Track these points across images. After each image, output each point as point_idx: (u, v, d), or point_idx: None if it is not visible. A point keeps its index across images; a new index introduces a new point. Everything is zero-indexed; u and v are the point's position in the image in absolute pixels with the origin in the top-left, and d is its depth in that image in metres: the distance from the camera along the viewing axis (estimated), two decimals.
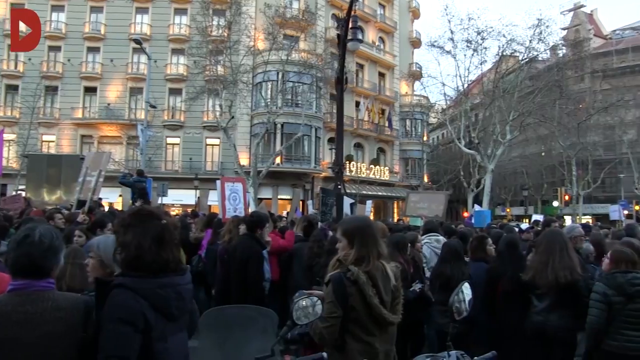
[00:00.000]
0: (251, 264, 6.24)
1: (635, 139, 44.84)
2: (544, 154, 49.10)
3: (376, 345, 3.30)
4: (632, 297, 4.76)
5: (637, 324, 4.75)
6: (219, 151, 39.56)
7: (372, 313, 3.25)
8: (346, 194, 12.31)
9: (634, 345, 4.73)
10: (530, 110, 35.03)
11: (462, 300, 3.27)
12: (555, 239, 5.67)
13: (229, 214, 9.23)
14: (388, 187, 45.39)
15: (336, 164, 12.08)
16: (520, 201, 51.36)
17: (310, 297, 3.04)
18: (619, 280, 4.82)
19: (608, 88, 43.75)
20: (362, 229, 3.47)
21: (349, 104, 40.38)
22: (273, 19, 30.92)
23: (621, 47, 51.04)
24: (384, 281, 3.35)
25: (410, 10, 52.32)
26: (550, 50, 38.04)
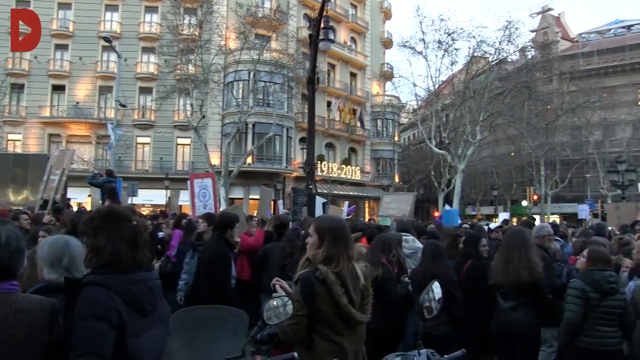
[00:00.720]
0: (217, 266, 6.20)
1: (601, 139, 45.74)
2: (514, 154, 49.77)
3: (345, 345, 3.31)
4: (607, 293, 4.89)
5: (611, 320, 4.89)
6: (190, 151, 39.29)
7: (341, 312, 3.26)
8: (317, 194, 12.31)
9: (608, 341, 4.86)
10: (500, 111, 35.49)
11: (433, 299, 3.29)
12: (516, 238, 5.77)
13: (199, 211, 9.14)
14: (359, 187, 45.55)
15: (307, 163, 12.07)
16: (490, 201, 51.91)
17: (281, 297, 3.04)
18: (596, 277, 4.94)
19: (575, 90, 44.52)
20: (335, 229, 3.47)
21: (321, 104, 40.42)
22: (245, 18, 30.77)
23: (587, 50, 51.98)
24: (354, 281, 3.37)
25: (382, 10, 52.59)
26: (520, 52, 38.58)
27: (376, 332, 6.09)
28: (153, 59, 39.23)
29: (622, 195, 26.08)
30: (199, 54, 29.39)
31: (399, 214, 13.64)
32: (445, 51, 35.62)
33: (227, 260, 6.37)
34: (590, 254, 5.26)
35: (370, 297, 3.50)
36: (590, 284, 4.93)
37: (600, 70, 49.01)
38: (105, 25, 39.88)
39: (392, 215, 14.05)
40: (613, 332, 4.88)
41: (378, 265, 6.10)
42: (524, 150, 46.18)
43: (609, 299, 4.88)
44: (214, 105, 33.18)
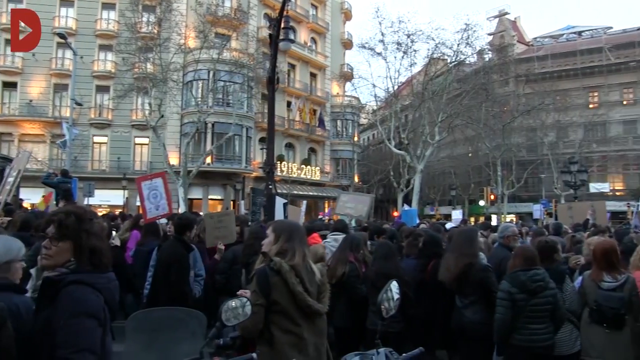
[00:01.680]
0: (174, 268, 6.14)
1: (555, 141, 46.84)
2: (471, 155, 50.58)
3: (304, 336, 3.37)
4: (534, 292, 5.02)
5: (541, 317, 5.04)
6: (148, 150, 38.73)
7: (297, 302, 3.34)
8: (277, 194, 12.30)
9: (538, 338, 5.02)
10: (458, 112, 36.03)
11: (391, 299, 3.33)
12: (463, 238, 5.89)
13: (151, 213, 8.96)
14: (319, 187, 45.65)
15: (267, 163, 12.05)
16: (448, 200, 52.62)
17: (239, 297, 3.04)
18: (521, 278, 5.08)
19: (530, 92, 45.59)
20: (291, 228, 3.64)
21: (281, 104, 40.41)
22: (204, 17, 30.49)
23: (542, 54, 53.19)
24: (309, 275, 3.46)
25: (342, 11, 52.82)
26: (477, 54, 39.25)
27: (343, 330, 6.15)
28: (110, 56, 38.52)
29: (574, 195, 26.78)
30: (157, 52, 28.99)
31: (356, 214, 13.80)
32: (405, 53, 36.02)
33: (185, 263, 6.31)
34: (515, 253, 5.40)
35: (327, 291, 3.58)
36: (515, 285, 5.07)
37: (554, 74, 50.22)
38: (60, 21, 38.88)
39: (349, 215, 14.26)
40: (543, 328, 5.04)
41: (346, 263, 6.16)
42: (481, 150, 47.00)
43: (537, 297, 5.03)
44: (172, 104, 32.78)
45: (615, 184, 50.15)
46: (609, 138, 49.74)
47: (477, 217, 45.07)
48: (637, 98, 50.75)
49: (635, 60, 49.90)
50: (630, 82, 50.77)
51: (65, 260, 2.60)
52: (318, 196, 44.40)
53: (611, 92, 50.80)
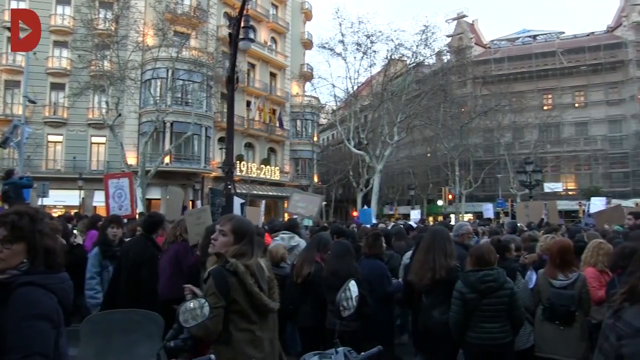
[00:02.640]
0: (145, 268, 6.07)
1: (511, 141, 47.86)
2: (430, 155, 51.24)
3: (259, 333, 3.40)
4: (484, 293, 5.13)
5: (493, 317, 5.13)
6: (105, 150, 37.97)
7: (254, 301, 3.36)
8: (236, 194, 12.24)
9: (489, 336, 5.12)
10: (417, 113, 36.43)
11: (350, 298, 3.35)
12: (435, 238, 5.95)
13: (114, 212, 8.87)
14: (278, 187, 45.53)
15: (226, 163, 11.97)
16: (407, 200, 53.14)
17: (197, 298, 3.02)
18: (470, 279, 5.19)
19: (487, 94, 46.44)
20: (252, 230, 3.65)
21: (240, 104, 40.17)
22: (163, 15, 30.11)
23: (498, 56, 54.27)
24: (260, 272, 3.48)
25: (303, 11, 52.81)
26: (436, 55, 39.76)
27: (308, 329, 6.15)
28: (66, 53, 37.64)
29: (529, 194, 27.39)
30: (115, 49, 28.49)
31: (307, 214, 13.94)
32: (364, 53, 36.28)
33: (155, 262, 6.26)
34: (469, 254, 5.52)
35: (276, 287, 3.62)
36: (467, 285, 5.18)
37: (510, 76, 51.33)
38: None
39: (300, 214, 14.45)
40: (498, 327, 5.13)
41: (312, 263, 6.17)
42: (439, 151, 47.67)
43: (490, 297, 5.12)
44: (130, 103, 32.27)
45: (568, 183, 51.59)
46: (562, 139, 51.16)
47: (436, 217, 45.72)
48: (587, 101, 52.29)
49: (586, 65, 51.35)
50: (581, 86, 52.36)
51: (18, 263, 2.54)
52: (277, 196, 44.25)
53: (564, 94, 52.26)
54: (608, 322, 2.14)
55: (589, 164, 50.93)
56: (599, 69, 51.18)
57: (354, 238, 8.65)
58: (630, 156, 49.08)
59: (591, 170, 50.92)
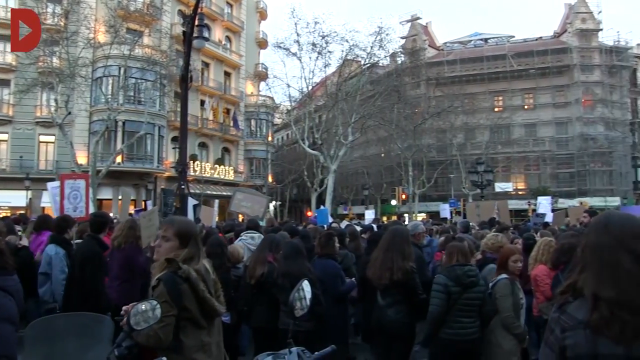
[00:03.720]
0: (91, 267, 5.96)
1: (463, 142, 48.73)
2: (384, 155, 51.68)
3: (207, 339, 3.37)
4: (467, 287, 5.24)
5: (470, 311, 5.26)
6: (54, 149, 36.94)
7: (204, 307, 3.32)
8: (190, 194, 12.12)
9: (465, 332, 5.22)
10: (371, 113, 36.72)
11: (303, 298, 3.37)
12: (394, 238, 6.01)
13: (68, 213, 8.68)
14: (233, 187, 45.13)
15: (180, 163, 11.87)
16: (361, 200, 53.54)
17: (149, 300, 2.97)
18: (457, 272, 5.28)
19: (440, 95, 47.22)
20: (195, 231, 3.61)
21: (194, 103, 39.72)
22: (115, 11, 29.54)
23: (451, 59, 55.13)
24: (207, 275, 3.44)
25: (258, 10, 52.58)
26: (390, 57, 40.13)
27: (262, 330, 6.14)
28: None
29: (481, 194, 27.93)
30: (64, 46, 27.74)
31: (252, 214, 13.96)
32: (319, 53, 36.34)
33: (99, 261, 6.14)
34: (449, 250, 5.62)
35: (220, 289, 3.59)
36: (452, 278, 5.25)
37: (462, 78, 52.21)
38: None
39: (245, 214, 14.52)
40: (472, 322, 5.26)
41: (265, 264, 6.15)
42: (393, 151, 48.14)
43: (469, 291, 5.25)
44: (80, 101, 31.49)
45: (518, 183, 52.83)
46: (512, 140, 52.35)
47: (390, 216, 46.12)
48: (536, 103, 53.68)
49: (534, 68, 52.72)
50: (530, 88, 53.72)
51: None
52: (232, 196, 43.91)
53: (514, 96, 53.50)
54: (553, 316, 2.22)
55: (538, 164, 52.28)
56: (547, 72, 52.59)
57: (309, 238, 8.67)
58: (576, 157, 50.59)
59: (540, 171, 52.25)
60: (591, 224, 2.39)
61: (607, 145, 49.91)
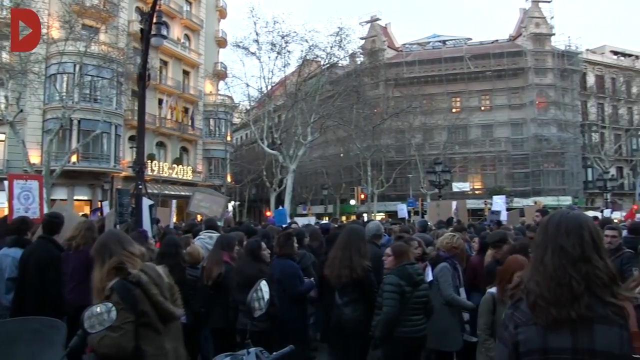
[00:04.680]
0: (50, 269, 5.83)
1: (422, 142, 49.30)
2: (343, 155, 51.89)
3: (166, 345, 3.34)
4: (417, 285, 5.32)
5: (419, 309, 5.36)
6: (4, 148, 35.76)
7: (159, 310, 3.29)
8: (148, 194, 11.93)
9: (417, 329, 5.32)
10: (330, 113, 36.84)
11: (261, 298, 3.35)
12: (351, 237, 6.04)
13: (18, 214, 8.45)
14: (191, 187, 44.67)
15: (137, 163, 11.64)
16: (320, 200, 53.66)
17: (104, 303, 2.91)
18: (408, 271, 5.34)
19: (399, 95, 47.69)
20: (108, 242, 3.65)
21: (152, 102, 39.16)
22: (70, 7, 28.80)
23: (410, 60, 55.67)
24: (159, 280, 3.41)
25: (217, 9, 52.13)
26: (349, 57, 40.32)
27: (220, 331, 6.08)
28: None
29: (439, 193, 28.29)
30: None
31: (211, 214, 13.91)
32: (279, 53, 36.28)
33: (59, 263, 6.01)
34: (394, 250, 5.68)
35: (177, 293, 3.56)
36: (403, 278, 5.31)
37: (421, 79, 52.77)
38: None
39: (203, 214, 14.48)
40: (421, 319, 5.37)
41: (221, 264, 6.09)
42: (352, 151, 48.38)
43: (418, 289, 5.35)
44: (33, 98, 30.60)
45: (474, 183, 53.72)
46: (469, 141, 53.22)
47: (349, 216, 46.33)
48: (492, 104, 54.70)
49: (491, 70, 53.73)
50: (487, 90, 54.71)
51: None
52: (190, 196, 43.46)
53: (471, 98, 54.36)
54: (507, 313, 2.31)
55: (494, 164, 53.27)
56: (503, 74, 53.64)
57: (267, 237, 8.63)
58: (530, 157, 51.77)
59: (496, 171, 53.26)
60: (540, 223, 2.51)
61: (560, 146, 51.27)
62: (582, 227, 2.21)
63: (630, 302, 2.12)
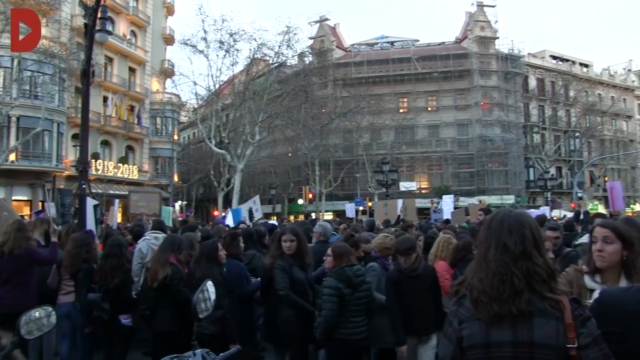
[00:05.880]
0: None
1: (369, 142, 49.75)
2: (291, 155, 51.98)
3: None
4: (357, 286, 5.32)
5: (360, 310, 5.36)
6: None
7: None
8: (92, 194, 11.65)
9: (358, 330, 5.31)
10: (279, 113, 36.82)
11: (207, 299, 3.31)
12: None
13: None
14: (137, 187, 43.95)
15: (80, 162, 11.35)
16: (268, 199, 53.48)
17: (44, 307, 2.80)
18: (347, 274, 5.33)
19: (347, 95, 48.01)
20: None
21: (96, 99, 38.18)
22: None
23: (358, 60, 56.10)
24: None
25: (165, 6, 51.25)
26: (298, 57, 40.33)
27: (166, 334, 5.96)
28: None
29: (386, 193, 28.56)
30: None
31: (150, 212, 13.76)
32: (227, 51, 36.04)
33: None
34: (334, 251, 5.69)
35: None
36: (343, 280, 5.31)
37: (369, 79, 53.24)
38: None
39: (143, 214, 14.30)
40: (362, 321, 5.38)
41: (167, 265, 5.97)
42: (300, 150, 48.52)
43: (359, 291, 5.35)
44: None
45: (421, 182, 54.57)
46: (416, 141, 54.05)
47: (297, 215, 46.40)
48: (439, 105, 55.72)
49: (437, 72, 54.73)
50: (434, 91, 55.72)
51: None
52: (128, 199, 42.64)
53: (418, 98, 55.22)
54: (452, 309, 2.38)
55: (440, 164, 54.27)
56: (449, 76, 54.73)
57: (208, 237, 8.54)
58: (475, 157, 52.99)
59: (442, 170, 54.26)
60: (483, 222, 2.60)
61: (503, 147, 52.63)
62: (524, 225, 2.30)
63: (566, 295, 2.25)
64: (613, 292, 2.63)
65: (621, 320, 2.33)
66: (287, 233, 6.08)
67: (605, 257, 3.13)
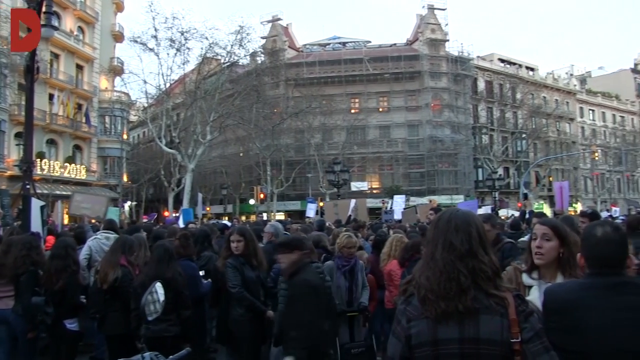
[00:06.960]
0: None
1: (321, 142, 49.94)
2: (242, 155, 51.74)
3: None
4: None
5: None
6: None
7: None
8: (37, 195, 11.32)
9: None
10: (230, 112, 36.64)
11: (156, 301, 3.26)
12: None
13: None
14: (85, 187, 42.93)
15: (24, 161, 11.04)
16: (219, 200, 53.13)
17: None
18: None
19: (299, 96, 48.11)
20: None
21: (41, 96, 37.10)
22: None
23: (310, 60, 56.20)
24: None
25: (114, 2, 50.09)
26: (250, 56, 40.19)
27: (117, 337, 5.85)
28: None
29: (338, 193, 28.73)
30: None
31: (93, 215, 13.52)
32: (178, 50, 35.66)
33: None
34: None
35: None
36: None
37: (320, 80, 53.36)
38: None
39: (86, 216, 14.09)
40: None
41: (117, 267, 5.86)
42: (252, 150, 48.40)
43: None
44: None
45: (372, 182, 55.07)
46: (367, 141, 54.45)
47: (248, 216, 46.19)
48: (390, 106, 56.34)
49: (389, 73, 55.35)
50: (385, 92, 56.31)
51: None
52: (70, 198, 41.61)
53: (369, 99, 55.68)
54: (400, 308, 2.43)
55: (391, 164, 54.83)
56: (400, 77, 55.36)
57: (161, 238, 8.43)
58: (426, 158, 53.75)
59: (393, 170, 54.83)
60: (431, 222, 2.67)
61: (453, 147, 53.61)
62: (470, 224, 2.38)
63: (510, 292, 2.31)
64: (555, 288, 2.73)
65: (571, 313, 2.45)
66: (235, 233, 6.07)
67: (543, 254, 3.25)
